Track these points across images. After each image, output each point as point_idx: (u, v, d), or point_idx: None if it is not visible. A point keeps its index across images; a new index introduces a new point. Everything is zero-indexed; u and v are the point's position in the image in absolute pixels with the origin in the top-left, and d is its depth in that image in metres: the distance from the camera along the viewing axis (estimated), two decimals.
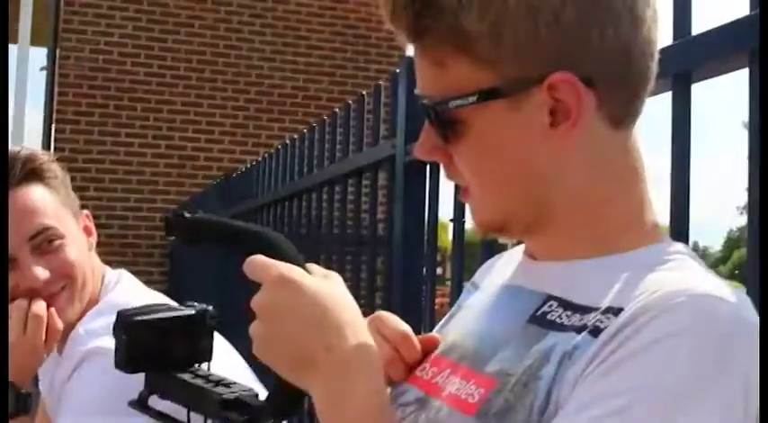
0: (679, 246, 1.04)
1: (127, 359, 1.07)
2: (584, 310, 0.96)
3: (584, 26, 0.96)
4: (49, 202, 1.88)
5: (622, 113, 1.02)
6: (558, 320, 0.98)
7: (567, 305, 0.99)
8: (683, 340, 0.85)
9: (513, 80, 0.97)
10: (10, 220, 1.83)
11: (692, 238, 1.58)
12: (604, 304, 0.94)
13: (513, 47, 0.96)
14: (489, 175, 1.03)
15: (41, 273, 1.83)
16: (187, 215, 1.06)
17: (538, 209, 1.03)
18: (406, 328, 1.18)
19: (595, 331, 0.91)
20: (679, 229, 1.53)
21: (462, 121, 1.00)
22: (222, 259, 5.83)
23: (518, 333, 1.01)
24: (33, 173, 1.89)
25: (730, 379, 0.85)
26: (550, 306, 1.01)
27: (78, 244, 1.93)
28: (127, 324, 1.07)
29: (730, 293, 0.91)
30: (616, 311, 0.91)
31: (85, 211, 2.03)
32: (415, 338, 1.18)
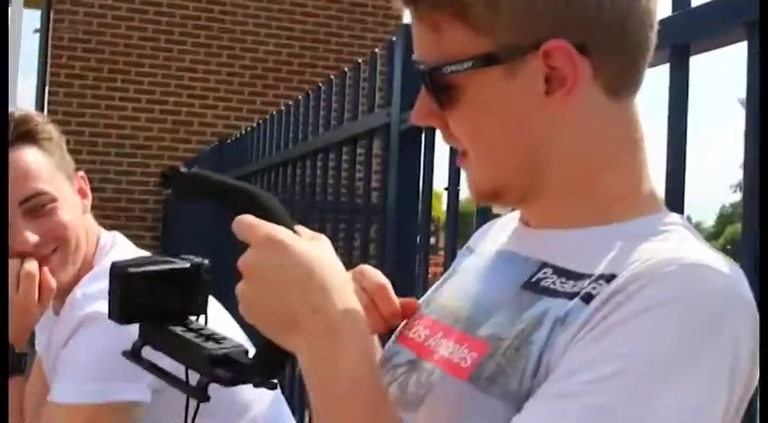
0: (675, 217, 1.04)
1: (120, 310, 1.07)
2: (578, 276, 0.97)
3: None
4: (42, 165, 1.87)
5: (619, 83, 1.02)
6: (551, 287, 0.99)
7: (561, 272, 1.00)
8: (672, 309, 0.86)
9: (508, 47, 0.98)
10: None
11: (685, 213, 1.59)
12: (597, 271, 0.95)
13: (509, 14, 0.97)
14: (485, 141, 1.04)
15: (31, 236, 1.83)
16: (183, 169, 1.07)
17: (533, 176, 1.04)
18: (385, 280, 1.20)
19: (587, 297, 0.92)
20: (674, 202, 1.53)
21: (457, 86, 1.01)
22: (214, 224, 5.83)
23: (512, 298, 1.02)
24: (27, 134, 1.88)
25: (718, 351, 0.86)
26: (545, 273, 1.02)
27: (72, 206, 1.92)
28: (121, 275, 1.07)
29: (724, 265, 0.92)
30: (608, 278, 0.92)
31: (80, 173, 2.02)
32: (391, 291, 1.19)
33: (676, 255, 0.91)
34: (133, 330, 1.10)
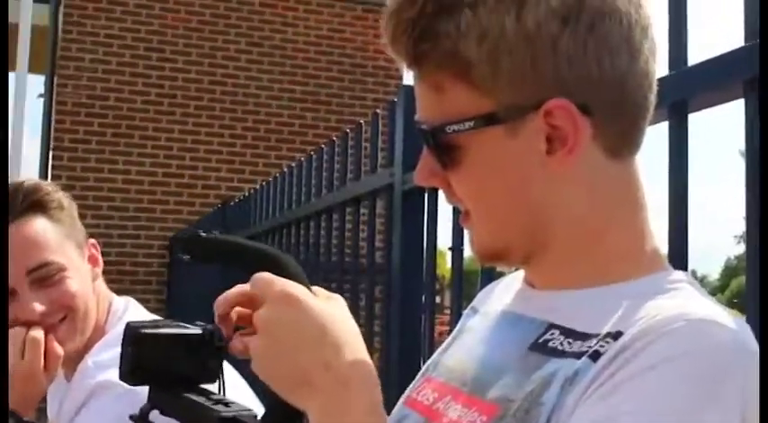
0: (680, 274, 1.04)
1: (131, 371, 1.07)
2: (585, 336, 0.97)
3: (582, 55, 0.97)
4: (51, 235, 1.88)
5: (618, 144, 1.03)
6: (559, 348, 0.99)
7: (568, 333, 1.00)
8: (679, 365, 0.86)
9: (510, 106, 0.98)
10: (11, 252, 1.82)
11: (690, 267, 1.59)
12: (604, 330, 0.95)
13: (510, 73, 0.97)
14: (487, 202, 1.04)
15: (38, 306, 1.83)
16: (203, 234, 1.10)
17: (535, 236, 1.04)
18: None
19: (595, 355, 0.92)
20: (678, 258, 1.53)
21: (460, 146, 1.01)
22: (219, 286, 5.81)
23: (519, 360, 1.01)
24: (37, 204, 1.88)
25: (726, 406, 0.85)
26: (552, 334, 1.01)
27: (81, 275, 1.92)
28: (134, 336, 1.07)
29: (730, 320, 0.92)
30: (615, 336, 0.92)
31: (92, 241, 2.02)
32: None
33: (683, 311, 0.91)
34: (144, 399, 1.09)
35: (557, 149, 0.99)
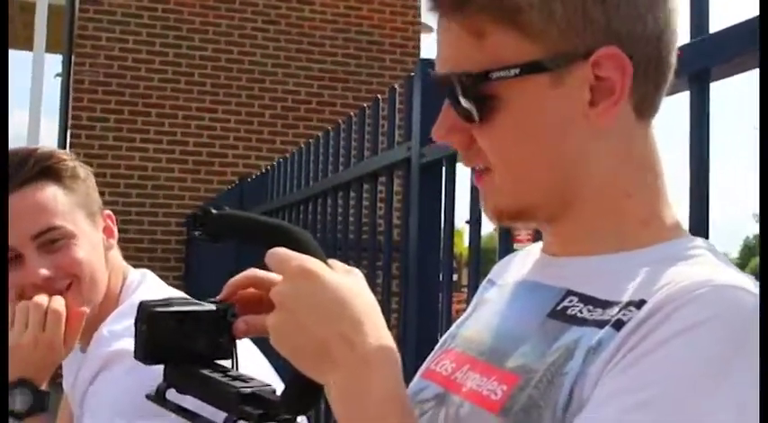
0: (700, 241, 1.03)
1: (145, 351, 1.05)
2: (606, 304, 0.95)
3: (629, 7, 0.96)
4: (60, 201, 1.87)
5: (646, 104, 1.02)
6: (579, 315, 0.97)
7: (587, 300, 0.98)
8: (706, 331, 0.85)
9: (558, 54, 0.96)
10: (19, 216, 1.83)
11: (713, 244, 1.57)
12: (626, 298, 0.93)
13: (561, 20, 0.95)
14: (519, 155, 1.00)
15: (43, 271, 1.82)
16: (213, 211, 1.06)
17: (564, 195, 1.01)
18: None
19: (618, 324, 0.90)
20: (699, 230, 1.52)
21: (497, 95, 0.97)
22: (237, 263, 5.83)
23: (538, 328, 1.00)
24: (47, 170, 1.88)
25: (754, 363, 0.85)
26: (570, 301, 1.00)
27: (91, 244, 1.92)
28: (147, 315, 1.05)
29: (753, 285, 0.91)
30: (638, 304, 0.91)
31: (108, 212, 2.02)
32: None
33: (707, 277, 0.90)
34: (157, 370, 1.08)
35: (599, 101, 0.97)
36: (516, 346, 1.01)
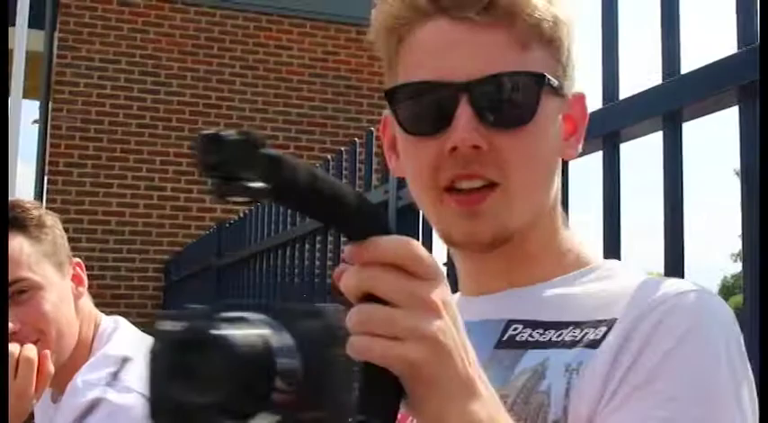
0: (616, 262, 1.13)
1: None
2: (557, 325, 1.00)
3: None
4: (26, 252, 1.86)
5: None
6: (530, 339, 1.01)
7: (533, 324, 1.02)
8: (695, 337, 0.92)
9: (566, 85, 1.07)
10: None
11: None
12: (581, 318, 0.98)
13: (572, 57, 1.08)
14: (534, 168, 1.05)
15: (10, 325, 1.81)
16: (231, 134, 0.71)
17: (532, 222, 1.07)
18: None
19: (593, 344, 0.95)
20: (674, 270, 1.52)
21: (535, 103, 1.03)
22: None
23: (489, 360, 1.01)
24: (12, 221, 1.87)
25: (747, 366, 0.95)
26: (515, 329, 1.03)
27: (59, 294, 1.91)
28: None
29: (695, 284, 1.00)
30: (609, 322, 0.96)
31: (76, 260, 2.01)
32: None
33: (667, 289, 0.97)
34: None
35: (568, 136, 1.10)
36: None
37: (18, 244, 1.86)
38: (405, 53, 1.07)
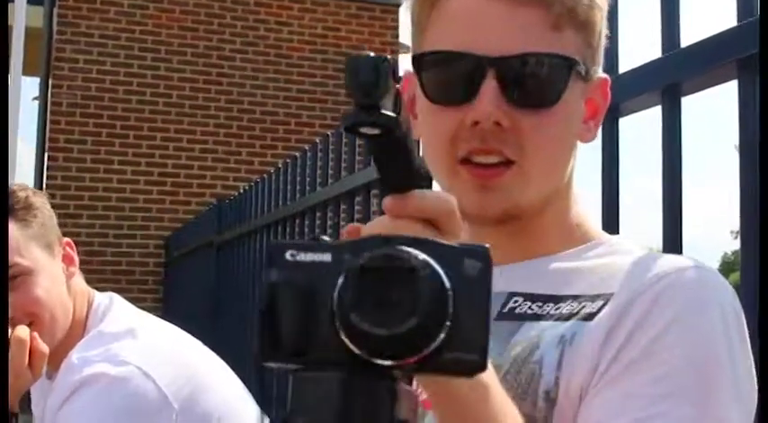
0: (621, 238, 1.13)
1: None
2: (556, 299, 1.01)
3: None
4: (13, 236, 1.86)
5: None
6: (528, 311, 1.02)
7: (532, 297, 1.03)
8: (689, 313, 0.92)
9: (591, 68, 1.08)
10: None
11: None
12: (580, 291, 0.99)
13: (600, 39, 1.09)
14: (556, 149, 1.06)
15: None
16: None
17: (547, 200, 1.08)
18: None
19: (588, 317, 0.95)
20: (672, 244, 1.52)
21: (564, 84, 1.03)
22: (217, 285, 5.81)
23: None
24: None
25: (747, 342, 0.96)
26: (516, 302, 1.04)
27: (50, 276, 1.91)
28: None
29: (693, 260, 1.01)
30: (607, 296, 0.96)
31: (66, 239, 2.01)
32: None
33: (666, 265, 0.97)
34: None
35: (588, 119, 1.11)
36: None
37: None
38: (436, 19, 1.07)
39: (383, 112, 0.69)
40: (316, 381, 0.64)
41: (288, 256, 0.67)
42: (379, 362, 0.63)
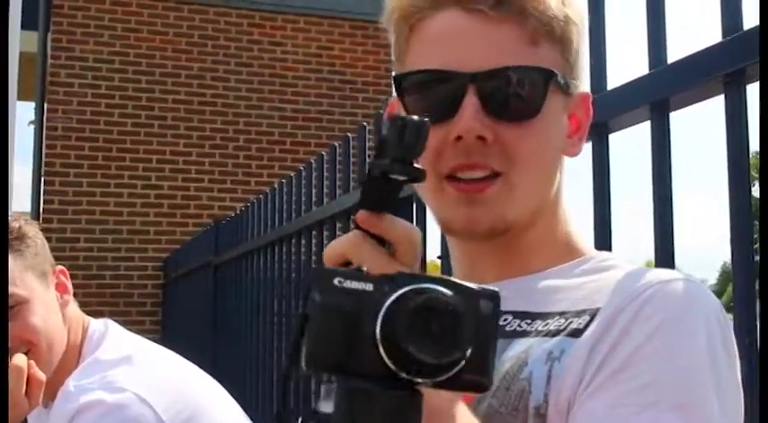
0: (609, 254, 1.14)
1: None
2: (543, 316, 1.02)
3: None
4: (9, 267, 1.86)
5: None
6: (518, 329, 1.02)
7: (521, 315, 1.04)
8: (673, 324, 0.92)
9: (572, 82, 1.09)
10: None
11: (688, 272, 1.59)
12: (566, 308, 1.00)
13: (580, 54, 1.11)
14: (539, 163, 1.07)
15: None
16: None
17: (533, 216, 1.08)
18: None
19: (575, 333, 0.96)
20: (664, 258, 1.53)
21: (543, 97, 1.05)
22: (213, 306, 5.81)
23: None
24: None
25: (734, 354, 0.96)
26: (505, 320, 1.04)
27: (45, 305, 1.91)
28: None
29: (680, 273, 1.02)
30: (592, 312, 0.97)
31: (60, 267, 2.01)
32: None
33: (650, 277, 0.98)
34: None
35: (572, 134, 1.12)
36: None
37: None
38: (415, 41, 1.09)
39: (416, 166, 0.77)
40: (358, 391, 0.73)
41: (336, 281, 0.75)
42: (415, 379, 0.72)
